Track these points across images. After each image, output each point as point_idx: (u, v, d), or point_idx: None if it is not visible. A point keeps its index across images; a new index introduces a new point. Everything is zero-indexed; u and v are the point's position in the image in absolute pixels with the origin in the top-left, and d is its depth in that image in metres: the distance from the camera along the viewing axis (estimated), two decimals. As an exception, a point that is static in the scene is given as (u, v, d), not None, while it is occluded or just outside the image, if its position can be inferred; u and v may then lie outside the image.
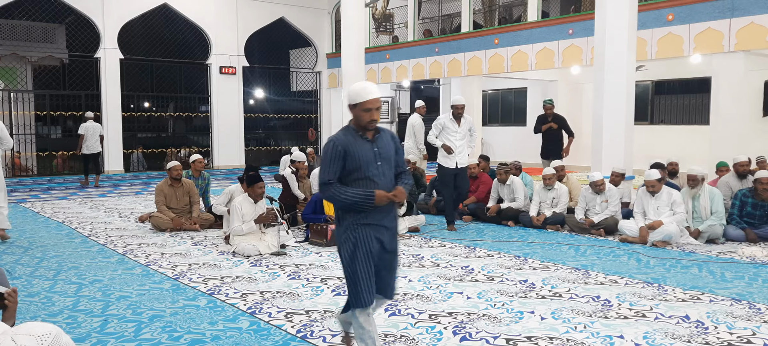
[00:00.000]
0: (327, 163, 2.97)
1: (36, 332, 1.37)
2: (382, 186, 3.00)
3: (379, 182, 3.00)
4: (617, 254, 6.11)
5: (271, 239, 6.18)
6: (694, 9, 9.83)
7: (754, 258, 5.85)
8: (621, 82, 8.30)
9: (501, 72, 13.43)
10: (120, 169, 14.47)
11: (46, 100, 14.56)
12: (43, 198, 11.18)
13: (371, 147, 3.01)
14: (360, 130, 3.01)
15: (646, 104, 14.07)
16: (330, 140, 3.01)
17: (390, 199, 2.99)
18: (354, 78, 11.97)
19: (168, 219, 7.42)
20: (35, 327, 1.39)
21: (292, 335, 3.73)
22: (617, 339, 3.63)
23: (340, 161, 2.95)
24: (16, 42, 14.24)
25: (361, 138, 3.00)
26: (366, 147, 2.99)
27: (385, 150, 3.05)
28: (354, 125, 3.04)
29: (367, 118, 2.96)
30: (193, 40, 15.85)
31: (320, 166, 3.04)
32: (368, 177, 2.98)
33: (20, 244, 6.75)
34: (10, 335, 1.39)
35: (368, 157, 2.99)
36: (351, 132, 3.01)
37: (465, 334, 3.72)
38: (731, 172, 7.65)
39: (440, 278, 5.08)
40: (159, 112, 17.91)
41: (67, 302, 4.44)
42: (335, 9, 17.40)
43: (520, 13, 15.15)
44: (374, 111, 2.96)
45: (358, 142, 2.98)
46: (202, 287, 4.85)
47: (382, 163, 3.03)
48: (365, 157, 2.98)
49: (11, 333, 1.39)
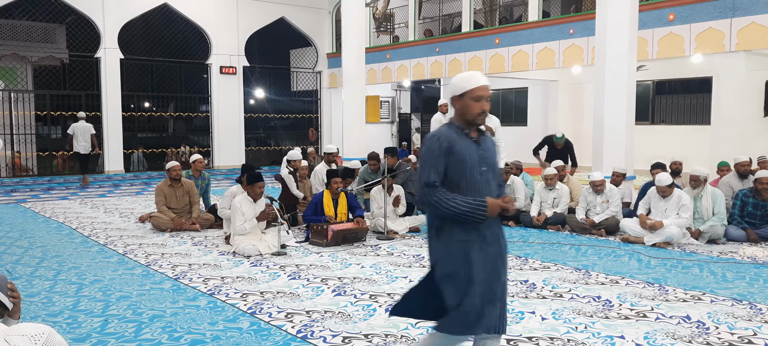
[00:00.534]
0: (430, 161, 2.52)
1: (29, 332, 1.37)
2: (486, 195, 2.55)
3: (482, 191, 2.55)
4: (618, 254, 6.10)
5: (272, 239, 6.18)
6: (695, 9, 9.82)
7: (755, 258, 5.84)
8: (622, 82, 8.30)
9: (502, 72, 13.42)
10: (120, 170, 14.46)
11: (46, 100, 14.55)
12: (44, 198, 11.18)
13: (476, 149, 2.58)
14: (465, 127, 2.59)
15: (647, 104, 14.05)
16: (432, 135, 2.59)
17: (503, 207, 2.55)
18: (354, 78, 11.98)
19: (168, 219, 7.42)
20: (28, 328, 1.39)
21: (292, 335, 3.73)
22: (618, 339, 3.62)
23: (443, 159, 2.52)
24: (16, 42, 14.24)
25: (465, 136, 2.58)
26: (471, 148, 2.57)
27: (489, 154, 2.64)
28: (458, 121, 2.61)
29: (477, 109, 2.55)
30: (194, 40, 15.85)
31: (420, 166, 2.58)
32: (471, 184, 2.53)
33: (20, 244, 6.74)
34: (3, 336, 1.39)
35: (473, 160, 2.56)
36: (454, 129, 2.59)
37: (466, 334, 3.71)
38: (732, 172, 7.64)
39: (441, 278, 5.07)
40: (159, 112, 17.91)
41: (67, 303, 4.43)
42: (336, 9, 17.39)
43: (520, 12, 15.13)
44: (485, 100, 2.55)
45: (463, 141, 2.56)
46: (202, 287, 4.85)
47: (487, 169, 2.60)
48: (470, 160, 2.55)
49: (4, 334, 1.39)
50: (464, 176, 2.53)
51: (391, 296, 4.54)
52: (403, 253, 6.14)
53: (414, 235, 7.21)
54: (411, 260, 5.82)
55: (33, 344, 1.36)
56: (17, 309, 2.36)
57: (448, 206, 2.47)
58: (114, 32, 14.13)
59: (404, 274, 5.24)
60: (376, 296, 4.53)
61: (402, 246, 6.51)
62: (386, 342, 3.59)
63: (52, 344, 1.39)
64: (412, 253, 6.14)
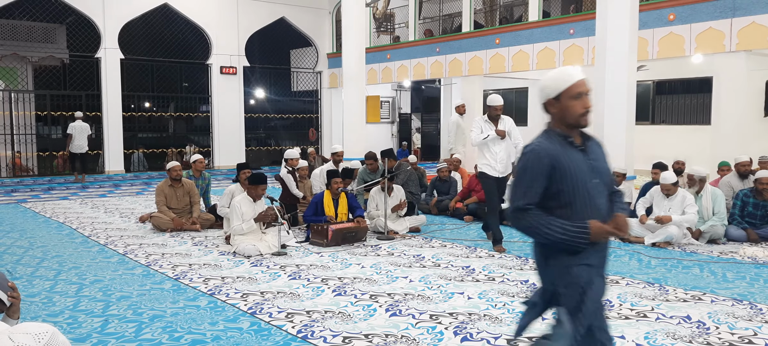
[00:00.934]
0: (525, 181, 2.22)
1: (33, 330, 1.39)
2: (599, 212, 2.24)
3: (597, 206, 2.24)
4: (618, 254, 6.10)
5: (272, 239, 6.18)
6: (696, 9, 9.81)
7: (755, 258, 5.84)
8: (622, 82, 8.30)
9: (502, 72, 13.42)
10: (120, 170, 14.47)
11: (46, 100, 14.55)
12: (44, 198, 11.18)
13: (584, 158, 2.26)
14: (569, 134, 2.26)
15: (647, 104, 14.05)
16: (531, 150, 2.24)
17: (610, 234, 2.24)
18: (355, 78, 11.97)
19: (168, 219, 7.42)
20: (32, 326, 1.41)
21: (292, 335, 3.73)
22: (618, 339, 3.62)
23: (543, 180, 2.19)
24: (16, 42, 14.24)
25: (570, 146, 2.25)
26: (578, 158, 2.24)
27: (598, 161, 2.31)
28: (558, 127, 2.28)
29: (580, 109, 2.23)
30: (194, 40, 15.85)
31: (514, 184, 2.27)
32: (584, 200, 2.21)
33: (21, 244, 6.75)
34: (7, 334, 1.40)
35: (582, 173, 2.22)
36: (555, 138, 2.25)
37: (466, 334, 3.71)
38: (733, 172, 7.64)
39: (441, 279, 5.07)
40: (159, 112, 17.91)
41: (67, 303, 4.43)
42: (336, 9, 17.39)
43: (521, 12, 15.13)
44: (585, 96, 2.24)
45: (568, 152, 2.23)
46: (202, 287, 4.85)
47: (599, 180, 2.28)
48: (579, 173, 2.21)
49: (9, 332, 1.40)
50: (576, 193, 2.20)
51: (391, 296, 4.55)
52: (403, 253, 6.14)
53: (414, 235, 7.21)
54: (411, 260, 5.82)
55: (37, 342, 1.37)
56: (16, 309, 2.37)
57: (543, 233, 2.18)
58: (114, 32, 14.13)
59: (404, 274, 5.24)
60: (376, 296, 4.53)
61: (402, 246, 6.51)
62: (386, 342, 3.59)
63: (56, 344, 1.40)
64: (413, 253, 6.14)
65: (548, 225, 2.17)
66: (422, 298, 4.50)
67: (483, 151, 6.31)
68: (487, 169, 6.31)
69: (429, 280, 5.03)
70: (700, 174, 6.80)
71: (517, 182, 2.26)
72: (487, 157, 6.29)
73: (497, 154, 6.26)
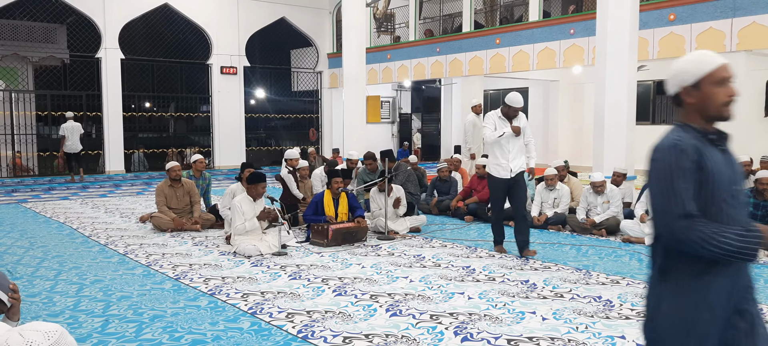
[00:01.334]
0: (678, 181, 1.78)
1: (42, 329, 1.43)
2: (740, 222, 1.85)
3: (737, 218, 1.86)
4: (619, 254, 6.10)
5: (272, 240, 6.18)
6: (696, 9, 9.81)
7: (756, 258, 5.83)
8: (622, 82, 8.29)
9: (502, 72, 13.42)
10: (121, 170, 14.47)
11: (47, 100, 14.56)
12: (45, 198, 11.18)
13: (724, 159, 1.87)
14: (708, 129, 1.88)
15: (647, 104, 14.05)
16: (672, 144, 1.83)
17: None
18: (355, 78, 11.97)
19: (169, 219, 7.42)
20: (42, 325, 1.45)
21: (293, 335, 3.73)
22: (619, 340, 3.62)
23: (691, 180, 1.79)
24: (17, 42, 14.24)
25: (710, 143, 1.86)
26: (719, 159, 1.85)
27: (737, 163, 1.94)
28: (695, 122, 1.90)
29: (724, 96, 1.86)
30: (194, 40, 15.85)
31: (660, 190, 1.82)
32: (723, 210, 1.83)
33: (21, 244, 6.75)
34: (18, 330, 1.43)
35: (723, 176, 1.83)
36: (693, 134, 1.86)
37: (466, 334, 3.71)
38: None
39: (441, 279, 5.07)
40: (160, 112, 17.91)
41: (68, 303, 4.43)
42: (336, 9, 17.39)
43: (521, 12, 15.13)
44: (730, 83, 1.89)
45: (710, 151, 1.84)
46: (203, 287, 4.85)
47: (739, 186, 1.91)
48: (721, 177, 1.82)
49: (18, 330, 1.44)
50: (713, 201, 1.81)
51: (391, 296, 4.55)
52: (403, 253, 6.14)
53: (415, 235, 7.21)
54: (411, 260, 5.82)
55: (46, 340, 1.40)
56: (16, 311, 2.37)
57: (719, 244, 1.74)
58: (115, 32, 14.14)
59: (405, 274, 5.24)
60: (376, 297, 4.53)
61: (402, 246, 6.51)
62: (387, 342, 3.59)
63: (64, 343, 1.43)
64: (413, 253, 6.14)
65: (723, 232, 1.75)
66: (422, 298, 4.50)
67: (495, 150, 5.91)
68: (497, 170, 5.91)
69: (429, 280, 5.03)
70: None
71: (663, 185, 1.81)
72: (498, 156, 5.89)
73: (510, 153, 5.86)
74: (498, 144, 5.86)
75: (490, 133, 5.87)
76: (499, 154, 5.89)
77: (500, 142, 5.84)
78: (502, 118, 5.90)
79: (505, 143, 5.85)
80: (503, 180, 5.90)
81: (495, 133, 5.84)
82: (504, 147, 5.86)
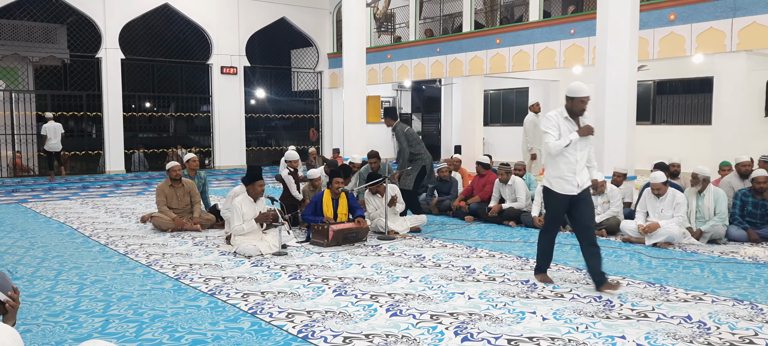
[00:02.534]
0: None
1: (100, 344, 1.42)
2: None
3: None
4: (619, 254, 6.10)
5: (273, 240, 6.18)
6: (696, 9, 9.81)
7: (756, 258, 5.84)
8: (623, 82, 8.30)
9: (502, 72, 13.42)
10: (121, 170, 14.48)
11: (47, 100, 14.57)
12: (45, 198, 11.19)
13: None
14: None
15: (647, 104, 14.05)
16: None
17: None
18: (355, 78, 11.97)
19: (169, 219, 7.42)
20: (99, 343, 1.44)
21: (293, 335, 3.73)
22: (619, 340, 3.62)
23: None
24: (17, 42, 14.25)
25: None
26: None
27: None
28: None
29: None
30: (195, 40, 15.86)
31: None
32: None
33: (22, 244, 6.75)
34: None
35: None
36: None
37: (466, 334, 3.71)
38: (733, 172, 7.64)
39: (442, 279, 5.07)
40: (160, 112, 17.91)
41: (68, 303, 4.43)
42: (336, 9, 17.39)
43: (521, 12, 15.13)
44: None
45: None
46: (203, 287, 4.85)
47: None
48: None
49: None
50: None
51: (392, 296, 4.55)
52: (403, 253, 6.14)
53: (415, 235, 7.21)
54: (412, 260, 5.82)
55: None
56: (13, 314, 2.37)
57: None
58: (115, 32, 14.15)
59: (405, 274, 5.24)
60: (377, 297, 4.53)
61: (403, 246, 6.51)
62: (387, 342, 3.59)
63: None
64: (413, 253, 6.14)
65: None
66: (423, 298, 4.50)
67: (557, 162, 4.71)
68: (560, 184, 4.74)
69: (429, 280, 5.03)
70: (705, 174, 6.80)
71: None
72: (562, 167, 4.70)
73: (577, 165, 4.70)
74: (561, 154, 4.69)
75: (555, 143, 4.64)
76: (563, 166, 4.70)
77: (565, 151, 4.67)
78: (568, 119, 4.71)
79: (571, 152, 4.67)
80: (567, 197, 4.74)
81: (561, 141, 4.64)
82: (570, 156, 4.69)
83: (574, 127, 4.70)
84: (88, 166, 15.22)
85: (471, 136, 14.76)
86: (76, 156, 14.96)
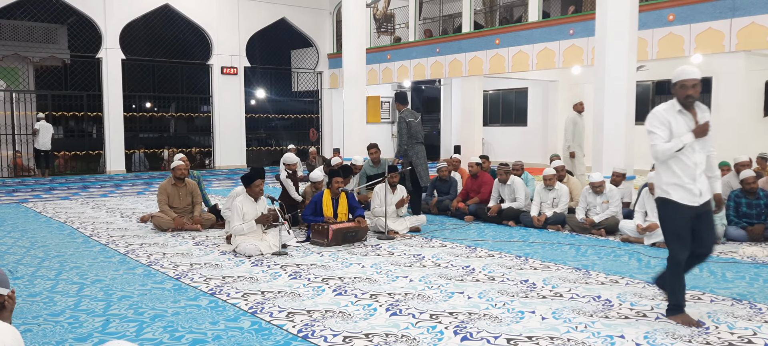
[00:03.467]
0: None
1: None
2: None
3: None
4: (618, 254, 6.11)
5: (273, 239, 6.20)
6: (695, 9, 9.83)
7: (754, 258, 5.86)
8: (622, 82, 8.31)
9: (502, 72, 13.44)
10: (122, 170, 14.49)
11: (48, 100, 14.58)
12: (45, 198, 11.20)
13: None
14: None
15: (647, 104, 14.06)
16: None
17: None
18: (355, 78, 11.98)
19: (170, 219, 7.44)
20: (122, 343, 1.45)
21: (293, 334, 3.74)
22: (618, 339, 3.64)
23: None
24: (18, 42, 14.27)
25: None
26: None
27: None
28: None
29: None
30: (195, 40, 15.87)
31: None
32: None
33: (22, 244, 6.77)
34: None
35: None
36: None
37: (466, 334, 3.73)
38: (732, 172, 7.66)
39: (441, 278, 5.09)
40: (161, 112, 17.92)
41: (68, 302, 4.45)
42: (336, 9, 17.41)
43: (520, 13, 15.15)
44: None
45: None
46: (203, 286, 4.86)
47: None
48: None
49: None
50: None
51: (391, 295, 4.56)
52: (403, 253, 6.15)
53: (414, 235, 7.22)
54: (411, 259, 5.84)
55: None
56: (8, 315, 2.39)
57: None
58: (115, 33, 14.15)
59: (405, 274, 5.26)
60: (376, 296, 4.55)
61: (402, 246, 6.53)
62: (387, 342, 3.60)
63: None
64: (413, 253, 6.15)
65: None
66: (422, 297, 4.51)
67: (670, 164, 3.86)
68: (678, 192, 3.85)
69: (429, 279, 5.05)
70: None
71: None
72: (677, 172, 3.84)
73: (696, 169, 3.83)
74: (676, 157, 3.83)
75: (663, 146, 3.81)
76: (678, 170, 3.84)
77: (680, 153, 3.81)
78: (682, 112, 3.84)
79: (688, 153, 3.82)
80: (688, 208, 3.83)
81: (671, 143, 3.79)
82: (686, 159, 3.83)
83: (690, 123, 3.82)
84: (89, 166, 15.23)
85: (470, 137, 14.78)
86: (77, 156, 14.97)
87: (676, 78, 3.84)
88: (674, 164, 3.84)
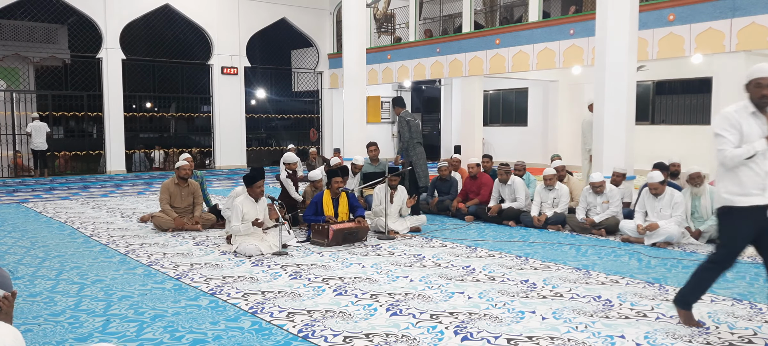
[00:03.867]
0: None
1: None
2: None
3: None
4: (618, 254, 6.11)
5: (273, 239, 6.20)
6: (695, 9, 9.83)
7: (755, 258, 5.85)
8: (622, 82, 8.31)
9: (502, 72, 13.44)
10: (122, 170, 14.49)
11: (48, 100, 14.58)
12: (46, 198, 11.20)
13: None
14: None
15: (647, 104, 14.07)
16: None
17: None
18: (355, 78, 11.98)
19: (170, 219, 7.44)
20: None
21: (293, 334, 3.74)
22: (618, 339, 3.64)
23: None
24: (18, 42, 14.28)
25: None
26: None
27: None
28: None
29: None
30: (195, 40, 15.88)
31: None
32: None
33: (22, 244, 6.77)
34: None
35: None
36: None
37: (466, 334, 3.73)
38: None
39: (441, 278, 5.09)
40: (161, 112, 17.93)
41: (69, 302, 4.45)
42: (337, 9, 17.41)
43: (521, 13, 15.15)
44: None
45: None
46: (203, 286, 4.87)
47: None
48: None
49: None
50: None
51: (392, 295, 4.56)
52: (403, 253, 6.15)
53: (415, 235, 7.23)
54: (412, 259, 5.84)
55: None
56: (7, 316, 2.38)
57: None
58: (116, 33, 14.16)
59: (405, 274, 5.26)
60: (377, 296, 4.55)
61: (403, 246, 6.53)
62: (387, 342, 3.60)
63: None
64: (413, 253, 6.15)
65: None
66: (423, 297, 4.51)
67: (738, 173, 3.50)
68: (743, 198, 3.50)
69: (429, 279, 5.05)
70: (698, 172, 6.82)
71: None
72: (744, 181, 3.49)
73: (767, 177, 3.49)
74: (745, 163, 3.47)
75: (732, 152, 3.45)
76: (745, 179, 3.49)
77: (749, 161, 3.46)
78: (756, 114, 3.49)
79: (759, 160, 3.46)
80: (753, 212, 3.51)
81: (741, 149, 3.44)
82: (756, 167, 3.47)
83: (765, 127, 3.45)
84: (89, 167, 15.24)
85: (470, 137, 14.78)
86: (77, 156, 14.98)
87: (751, 76, 3.48)
88: (741, 172, 3.47)
